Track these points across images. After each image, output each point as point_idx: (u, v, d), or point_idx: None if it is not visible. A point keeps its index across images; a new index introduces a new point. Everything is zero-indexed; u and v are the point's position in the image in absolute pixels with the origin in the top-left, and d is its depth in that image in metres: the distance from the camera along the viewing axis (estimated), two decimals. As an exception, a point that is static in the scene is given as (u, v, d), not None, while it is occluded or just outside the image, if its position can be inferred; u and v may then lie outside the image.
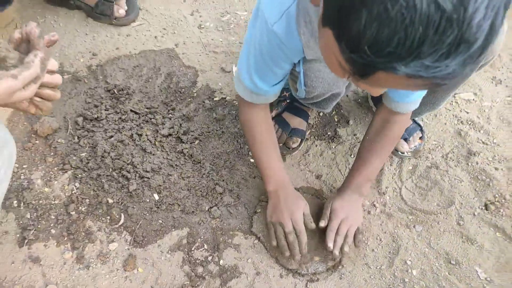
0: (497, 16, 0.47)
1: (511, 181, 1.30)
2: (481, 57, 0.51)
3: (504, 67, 1.60)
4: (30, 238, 1.10)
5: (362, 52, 0.50)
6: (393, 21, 0.46)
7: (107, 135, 1.26)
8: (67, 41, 1.51)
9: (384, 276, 1.12)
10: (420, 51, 0.48)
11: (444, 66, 0.49)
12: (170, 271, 1.09)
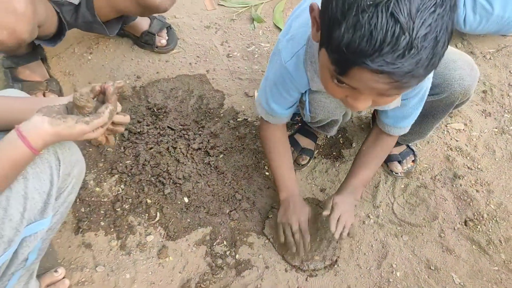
0: (440, 34, 0.70)
1: (489, 202, 1.50)
2: (432, 65, 0.73)
3: (494, 101, 1.81)
4: (84, 228, 1.36)
5: (341, 52, 0.73)
6: (363, 28, 0.69)
7: (147, 146, 1.52)
8: (116, 64, 1.79)
9: (372, 275, 1.34)
10: (382, 50, 0.69)
11: (401, 65, 0.71)
12: (195, 261, 1.33)
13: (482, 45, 2.01)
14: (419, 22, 0.67)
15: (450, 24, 0.71)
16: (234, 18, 2.01)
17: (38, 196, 0.88)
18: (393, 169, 1.55)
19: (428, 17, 0.67)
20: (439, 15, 0.68)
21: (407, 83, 0.75)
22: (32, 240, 0.90)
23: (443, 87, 1.22)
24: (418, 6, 0.67)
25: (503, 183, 1.56)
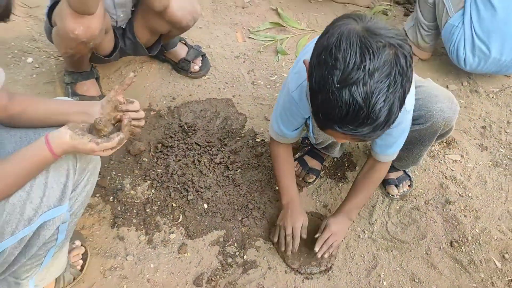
0: (393, 105, 0.92)
1: (475, 226, 1.67)
2: (387, 125, 0.95)
3: (492, 137, 1.98)
4: (119, 224, 1.61)
5: (319, 118, 0.97)
6: (332, 103, 0.92)
7: (176, 158, 1.78)
8: (155, 86, 2.07)
9: (361, 282, 1.53)
10: (346, 120, 0.92)
11: (361, 130, 0.94)
12: (209, 258, 1.56)
13: (487, 84, 2.19)
14: (374, 100, 0.89)
15: (403, 93, 0.94)
16: (261, 50, 2.27)
17: (56, 186, 1.10)
18: (389, 192, 1.74)
19: (382, 96, 0.90)
20: (391, 92, 0.90)
21: (369, 139, 0.99)
22: (52, 224, 1.12)
23: (426, 117, 1.42)
24: (373, 89, 0.89)
25: (490, 210, 1.72)
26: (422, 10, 2.12)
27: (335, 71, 0.91)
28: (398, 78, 0.91)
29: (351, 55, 0.89)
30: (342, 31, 0.93)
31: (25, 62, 2.09)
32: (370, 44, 0.90)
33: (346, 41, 0.91)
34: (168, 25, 1.81)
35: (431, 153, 1.90)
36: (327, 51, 0.93)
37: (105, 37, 1.76)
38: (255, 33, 2.36)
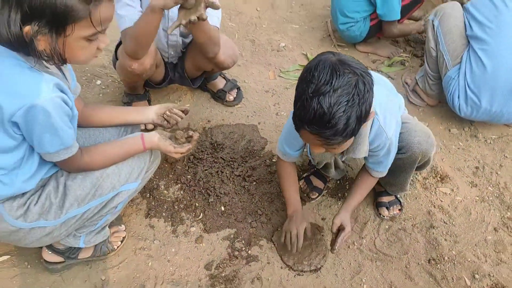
0: (350, 117, 1.25)
1: (452, 249, 1.90)
2: (347, 133, 1.27)
3: (483, 176, 2.21)
4: (151, 215, 1.98)
5: (295, 120, 1.33)
6: (305, 108, 1.27)
7: (203, 168, 2.15)
8: (195, 110, 2.48)
9: (344, 283, 1.80)
10: (313, 122, 1.26)
11: (324, 132, 1.27)
12: (220, 249, 1.89)
13: (487, 132, 2.44)
14: (335, 109, 1.24)
15: (358, 110, 1.28)
16: (288, 87, 2.65)
17: (137, 168, 1.56)
18: (381, 213, 2.02)
19: (342, 107, 1.24)
20: (349, 106, 1.25)
21: (333, 141, 1.32)
22: (124, 194, 1.55)
23: (406, 148, 1.72)
24: (336, 101, 1.24)
25: (469, 237, 1.95)
26: (428, 62, 2.43)
27: (310, 85, 1.26)
28: (356, 98, 1.25)
29: (324, 74, 1.25)
30: (320, 59, 1.30)
31: (94, 84, 2.58)
32: (338, 69, 1.26)
33: (322, 65, 1.27)
34: (213, 66, 2.22)
35: (425, 184, 2.16)
36: (308, 71, 1.30)
37: (157, 70, 2.20)
38: (285, 73, 2.75)
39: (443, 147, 2.35)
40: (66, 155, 1.38)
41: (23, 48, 1.22)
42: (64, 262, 1.75)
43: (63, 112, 1.30)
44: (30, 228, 1.48)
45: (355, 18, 2.77)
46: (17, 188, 1.41)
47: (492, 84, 2.17)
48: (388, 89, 1.77)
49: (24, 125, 1.26)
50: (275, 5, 3.36)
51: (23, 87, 1.24)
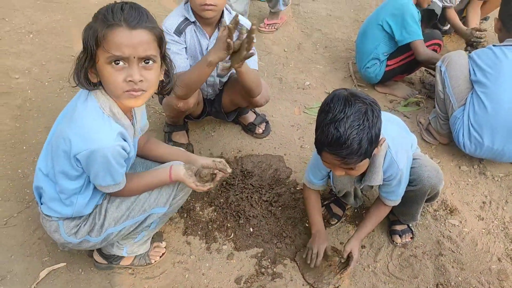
0: (362, 140, 1.53)
1: (459, 276, 2.09)
2: (360, 153, 1.55)
3: (490, 211, 2.41)
4: (188, 233, 2.23)
5: (317, 144, 1.60)
6: (325, 133, 1.55)
7: (235, 193, 2.40)
8: (228, 141, 2.76)
9: (359, 301, 2.01)
10: (332, 144, 1.54)
11: (341, 152, 1.55)
12: (248, 266, 2.11)
13: (495, 170, 2.65)
14: (349, 132, 1.51)
15: (369, 133, 1.55)
16: (311, 123, 2.91)
17: (166, 194, 1.80)
18: (394, 240, 2.23)
19: (354, 131, 1.52)
20: (360, 130, 1.52)
21: (349, 161, 1.58)
22: (155, 216, 1.81)
23: (417, 181, 1.95)
24: (349, 125, 1.51)
25: (475, 266, 2.14)
26: (438, 104, 2.68)
27: (328, 114, 1.56)
28: (366, 122, 1.53)
29: (338, 105, 1.55)
30: (335, 93, 1.61)
31: (138, 113, 2.88)
32: (350, 100, 1.55)
33: (336, 98, 1.58)
34: (248, 104, 2.51)
35: (435, 216, 2.37)
36: (325, 103, 1.60)
37: (197, 107, 2.49)
38: (309, 109, 3.02)
39: (453, 183, 2.57)
40: (115, 189, 1.67)
41: (84, 81, 1.50)
42: (107, 264, 2.03)
43: (120, 157, 1.58)
44: (77, 242, 1.79)
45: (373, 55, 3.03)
46: (76, 211, 1.73)
47: (493, 123, 2.41)
48: (400, 128, 2.03)
49: (85, 163, 1.55)
50: (301, 46, 3.67)
51: (92, 133, 1.51)
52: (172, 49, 2.20)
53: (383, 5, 3.01)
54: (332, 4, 4.24)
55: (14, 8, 3.91)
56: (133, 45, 1.42)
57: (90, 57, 1.46)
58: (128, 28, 1.41)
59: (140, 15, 1.45)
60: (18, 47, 3.45)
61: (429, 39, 3.03)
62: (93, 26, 1.44)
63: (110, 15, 1.42)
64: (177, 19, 2.23)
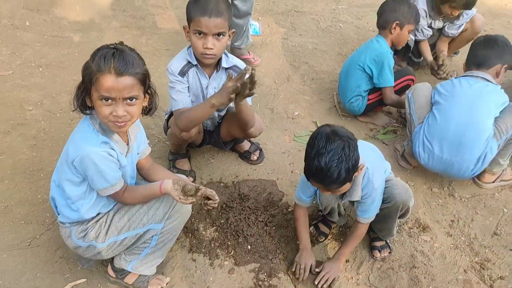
0: (340, 171, 1.89)
1: (430, 285, 2.42)
2: (340, 181, 1.92)
3: (457, 228, 2.75)
4: (193, 251, 2.53)
5: (306, 174, 1.98)
6: (310, 166, 1.93)
7: (234, 215, 2.71)
8: (226, 167, 3.07)
9: (344, 309, 2.31)
10: (316, 175, 1.91)
11: (323, 181, 1.92)
12: (247, 279, 2.41)
13: (463, 191, 3.01)
14: (330, 165, 1.86)
15: (346, 165, 1.89)
16: (300, 150, 3.25)
17: (162, 212, 2.08)
18: (374, 255, 2.55)
19: (334, 164, 1.86)
20: (339, 162, 1.87)
21: (332, 188, 1.94)
22: (153, 231, 2.10)
23: (390, 198, 2.29)
24: (329, 160, 1.86)
25: (444, 276, 2.47)
26: (408, 127, 3.07)
27: (313, 149, 1.91)
28: (343, 157, 1.89)
29: (321, 142, 1.91)
30: (320, 130, 1.97)
31: (144, 142, 3.19)
32: (331, 137, 1.91)
33: (319, 135, 1.94)
34: (244, 135, 2.84)
35: (409, 233, 2.70)
36: (311, 138, 1.97)
37: (198, 136, 2.81)
38: (298, 137, 3.36)
39: (426, 203, 2.91)
40: (111, 191, 1.99)
41: (81, 105, 1.87)
42: (115, 278, 2.31)
43: (107, 161, 1.90)
44: (86, 246, 2.10)
45: (356, 92, 3.40)
46: (81, 216, 2.04)
47: (442, 134, 2.79)
48: (377, 155, 2.39)
49: (81, 169, 1.91)
50: (290, 78, 4.03)
51: (80, 142, 1.88)
52: (177, 88, 2.53)
53: (365, 48, 3.38)
54: (317, 38, 4.63)
55: (23, 43, 4.21)
56: (118, 89, 1.76)
57: (86, 89, 1.82)
58: (115, 75, 1.73)
59: (126, 64, 1.75)
60: (29, 80, 3.74)
61: (403, 75, 3.42)
62: (90, 66, 1.76)
63: (102, 62, 1.73)
64: (181, 63, 2.56)
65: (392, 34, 3.33)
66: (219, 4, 2.36)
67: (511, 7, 5.40)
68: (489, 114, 2.76)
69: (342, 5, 5.26)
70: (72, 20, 4.60)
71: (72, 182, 1.99)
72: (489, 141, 2.75)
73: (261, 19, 4.84)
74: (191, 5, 2.42)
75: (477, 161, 2.77)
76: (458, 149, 2.76)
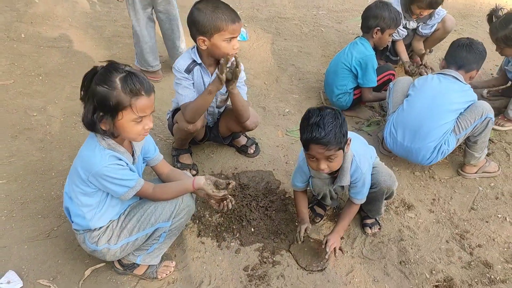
0: (336, 131, 2.16)
1: (416, 254, 2.69)
2: (336, 141, 2.17)
3: (438, 206, 3.05)
4: (201, 235, 2.75)
5: (304, 141, 2.23)
6: (309, 131, 2.18)
7: (237, 202, 2.95)
8: (225, 160, 3.31)
9: (342, 278, 2.56)
10: (316, 135, 2.15)
11: (323, 140, 2.15)
12: (253, 257, 2.64)
13: (442, 174, 3.31)
14: (327, 125, 2.12)
15: (340, 128, 2.17)
16: (293, 143, 3.52)
17: (169, 211, 2.27)
18: (366, 231, 2.82)
19: (330, 124, 2.13)
20: (334, 125, 2.14)
21: (331, 146, 2.16)
22: (161, 229, 2.28)
23: (376, 184, 2.56)
24: (326, 121, 2.13)
25: (428, 247, 2.75)
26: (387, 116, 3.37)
27: (310, 119, 2.17)
28: (337, 120, 2.16)
29: (315, 112, 2.20)
30: (310, 109, 2.23)
31: (147, 141, 3.41)
32: (322, 108, 2.22)
33: (312, 109, 2.23)
34: (241, 128, 3.09)
35: (396, 211, 2.98)
36: (306, 114, 2.25)
37: (201, 130, 3.06)
38: (290, 132, 3.63)
39: (409, 185, 3.21)
40: (132, 193, 2.16)
41: (94, 129, 2.01)
42: (123, 270, 2.49)
43: (120, 169, 2.07)
44: (100, 249, 2.27)
45: (343, 90, 3.70)
46: (93, 224, 2.23)
47: (405, 121, 3.08)
48: (362, 143, 2.66)
49: (97, 183, 2.08)
50: (279, 80, 4.31)
51: (91, 160, 2.03)
52: (183, 84, 2.77)
53: (351, 49, 3.68)
54: (301, 42, 4.93)
55: (21, 54, 4.39)
56: (150, 107, 2.00)
57: (109, 114, 1.95)
58: (147, 96, 1.96)
59: (148, 83, 1.99)
60: (31, 88, 3.93)
61: (384, 71, 3.74)
62: (113, 95, 1.90)
63: (133, 88, 1.92)
64: (187, 61, 2.81)
65: (374, 38, 3.64)
66: (232, 9, 2.66)
67: (478, 8, 5.82)
68: (450, 109, 3.00)
69: (323, 11, 5.59)
70: (65, 31, 4.80)
71: (86, 194, 2.14)
72: (447, 135, 3.00)
73: (247, 25, 5.13)
74: (214, 16, 2.55)
75: (432, 150, 3.04)
76: (416, 137, 3.05)
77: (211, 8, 2.57)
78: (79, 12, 5.18)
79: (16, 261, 2.52)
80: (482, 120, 2.96)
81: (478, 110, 2.96)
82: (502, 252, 2.74)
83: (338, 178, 2.48)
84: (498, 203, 3.09)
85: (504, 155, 3.51)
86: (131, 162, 2.19)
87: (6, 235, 2.65)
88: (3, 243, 2.60)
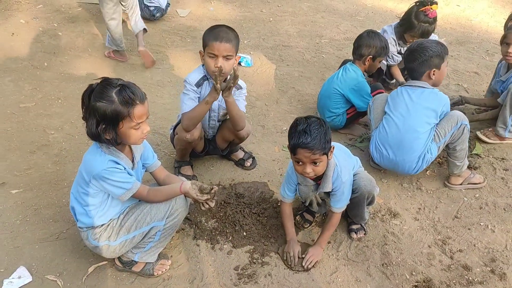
0: (321, 138, 2.37)
1: (398, 258, 2.84)
2: (321, 147, 2.38)
3: (423, 214, 3.20)
4: (197, 238, 2.96)
5: (292, 147, 2.46)
6: (296, 136, 2.41)
7: (231, 208, 3.16)
8: (224, 172, 3.55)
9: (326, 277, 2.72)
10: (301, 142, 2.37)
11: (309, 144, 2.36)
12: (243, 258, 2.83)
13: (429, 185, 3.47)
14: (313, 131, 2.35)
15: (325, 134, 2.38)
16: (288, 157, 3.74)
17: (163, 211, 2.50)
18: (351, 236, 2.99)
19: (315, 131, 2.35)
20: (319, 131, 2.36)
21: (316, 151, 2.37)
22: (156, 228, 2.49)
23: (357, 189, 2.75)
24: (312, 128, 2.35)
25: (410, 251, 2.90)
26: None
27: (298, 126, 2.40)
28: (321, 128, 2.37)
29: (302, 120, 2.41)
30: (297, 118, 2.45)
31: (152, 155, 3.69)
32: (309, 117, 2.43)
33: (299, 118, 2.44)
34: (234, 137, 3.35)
35: (382, 219, 3.14)
36: (293, 124, 2.46)
37: (200, 142, 3.32)
38: (286, 148, 3.85)
39: (397, 195, 3.37)
40: (129, 194, 2.38)
41: (99, 139, 2.28)
42: (123, 267, 2.70)
43: (118, 172, 2.31)
44: (101, 246, 2.51)
45: (336, 113, 3.95)
46: (95, 222, 2.47)
47: (386, 140, 3.31)
48: (346, 154, 2.85)
49: (98, 185, 2.34)
50: (279, 101, 4.59)
51: (92, 164, 2.27)
52: (190, 96, 3.06)
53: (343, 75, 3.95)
54: (303, 67, 5.23)
55: (43, 80, 4.80)
56: (145, 113, 2.24)
57: (111, 125, 2.18)
58: (141, 104, 2.20)
59: (140, 92, 2.22)
60: (50, 110, 4.29)
61: (374, 90, 3.97)
62: (111, 108, 2.14)
63: (129, 99, 2.15)
64: (198, 76, 3.11)
65: (366, 65, 3.93)
66: (228, 34, 2.95)
67: (475, 36, 6.05)
68: (425, 120, 3.23)
69: (325, 40, 5.91)
70: (85, 60, 5.21)
71: (89, 194, 2.41)
72: (428, 144, 3.24)
73: (252, 53, 5.47)
74: (206, 33, 2.95)
75: (417, 160, 3.27)
76: (399, 151, 3.28)
77: (211, 28, 2.99)
78: (98, 44, 5.62)
79: (27, 259, 2.76)
80: (458, 127, 3.20)
81: (454, 119, 3.20)
82: (482, 257, 2.87)
83: (321, 184, 2.69)
84: (482, 213, 3.23)
85: (491, 169, 3.65)
86: (130, 167, 2.44)
87: (20, 236, 2.92)
88: (17, 243, 2.86)
